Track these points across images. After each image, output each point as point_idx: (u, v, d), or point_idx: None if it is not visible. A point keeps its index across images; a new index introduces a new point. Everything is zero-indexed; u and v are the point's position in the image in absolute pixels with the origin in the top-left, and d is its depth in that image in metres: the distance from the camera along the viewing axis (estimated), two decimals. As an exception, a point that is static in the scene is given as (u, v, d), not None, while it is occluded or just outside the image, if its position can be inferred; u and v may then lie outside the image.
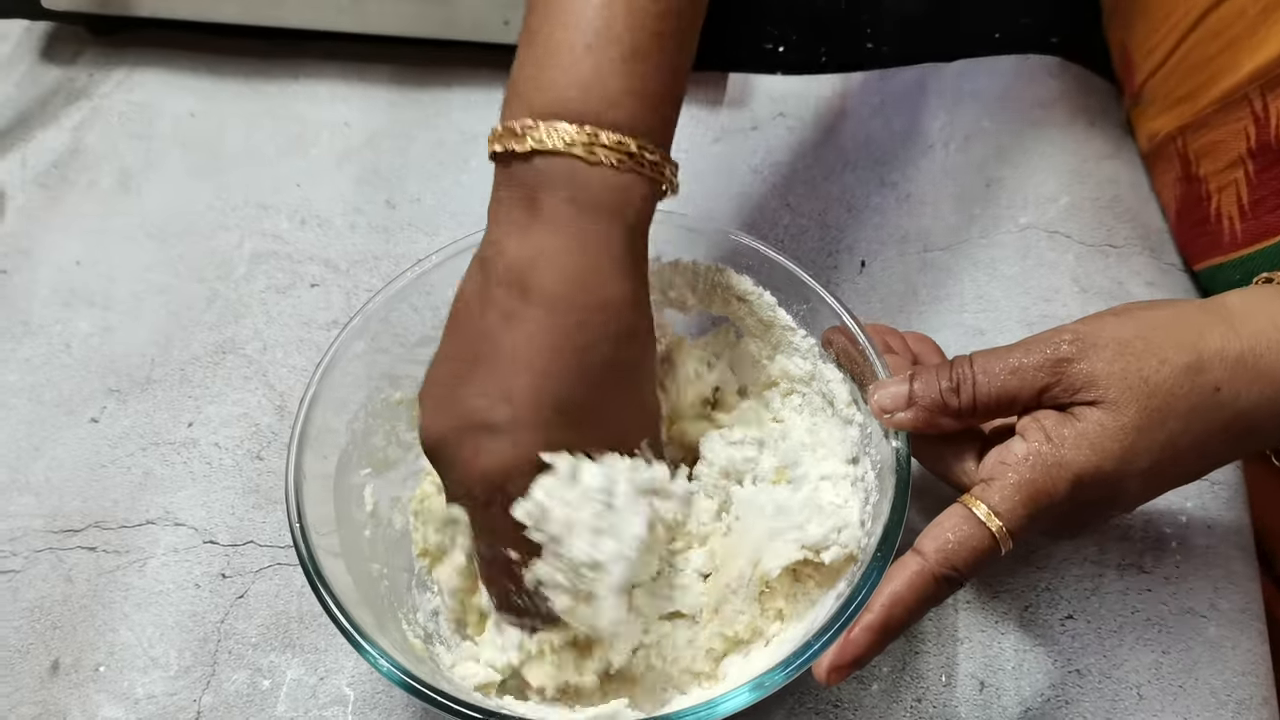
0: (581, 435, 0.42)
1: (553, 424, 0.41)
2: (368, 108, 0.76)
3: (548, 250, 0.41)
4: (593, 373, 0.42)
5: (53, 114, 0.76)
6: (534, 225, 0.41)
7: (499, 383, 0.41)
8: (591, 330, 0.42)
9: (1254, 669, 0.50)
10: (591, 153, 0.41)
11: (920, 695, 0.50)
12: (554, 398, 0.41)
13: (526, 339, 0.41)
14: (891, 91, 0.74)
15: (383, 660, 0.40)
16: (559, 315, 0.41)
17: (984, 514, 0.41)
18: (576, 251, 0.41)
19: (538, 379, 0.41)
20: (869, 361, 0.47)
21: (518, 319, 0.41)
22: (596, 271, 0.42)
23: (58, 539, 0.56)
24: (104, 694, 0.51)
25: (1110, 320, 0.43)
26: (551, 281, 0.41)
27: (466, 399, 0.42)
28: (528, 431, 0.41)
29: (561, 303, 0.41)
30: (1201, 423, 0.41)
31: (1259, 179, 0.55)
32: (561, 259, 0.41)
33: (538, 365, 0.41)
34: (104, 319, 0.65)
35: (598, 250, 0.42)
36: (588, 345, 0.42)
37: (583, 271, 0.41)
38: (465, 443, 0.42)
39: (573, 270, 0.41)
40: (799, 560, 0.46)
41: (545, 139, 0.41)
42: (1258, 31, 0.53)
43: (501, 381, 0.41)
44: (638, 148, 0.42)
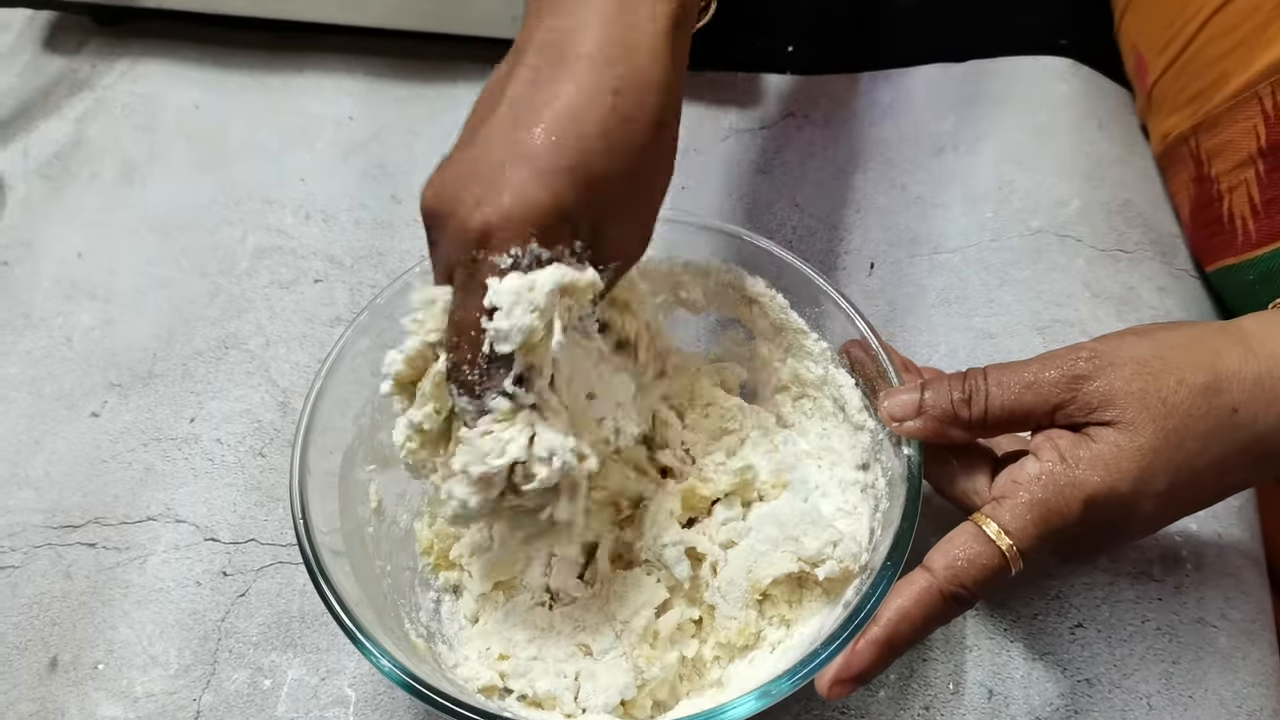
0: (593, 214, 0.39)
1: (564, 185, 0.38)
2: (373, 102, 0.75)
3: (589, 18, 0.39)
4: (618, 148, 0.39)
5: (55, 104, 0.76)
6: (576, 6, 0.39)
7: (517, 135, 0.38)
8: (626, 101, 0.39)
9: (1264, 680, 0.50)
10: None
11: (928, 703, 0.49)
12: (573, 158, 0.38)
13: (553, 95, 0.38)
14: (901, 92, 0.74)
15: (384, 660, 0.40)
16: (595, 75, 0.38)
17: (994, 532, 0.40)
18: (620, 21, 0.39)
19: (561, 130, 0.38)
20: (882, 369, 0.47)
21: (548, 78, 0.39)
22: (639, 46, 0.39)
23: (57, 535, 0.56)
24: (103, 692, 0.51)
25: (1129, 339, 0.42)
26: (591, 44, 0.39)
27: (477, 152, 0.39)
28: (540, 184, 0.37)
29: (599, 64, 0.38)
30: (1219, 445, 0.40)
31: (1269, 178, 0.54)
32: (604, 26, 0.39)
33: (564, 118, 0.38)
34: (106, 312, 0.65)
35: (643, 25, 0.40)
36: (620, 115, 0.39)
37: (626, 41, 0.39)
38: (468, 192, 0.38)
39: (616, 37, 0.39)
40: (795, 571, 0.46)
41: None
42: (1269, 28, 0.52)
43: (520, 134, 0.38)
44: None
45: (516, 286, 0.37)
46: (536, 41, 0.40)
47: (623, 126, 0.39)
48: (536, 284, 0.37)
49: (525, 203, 0.37)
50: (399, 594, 0.48)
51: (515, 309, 0.37)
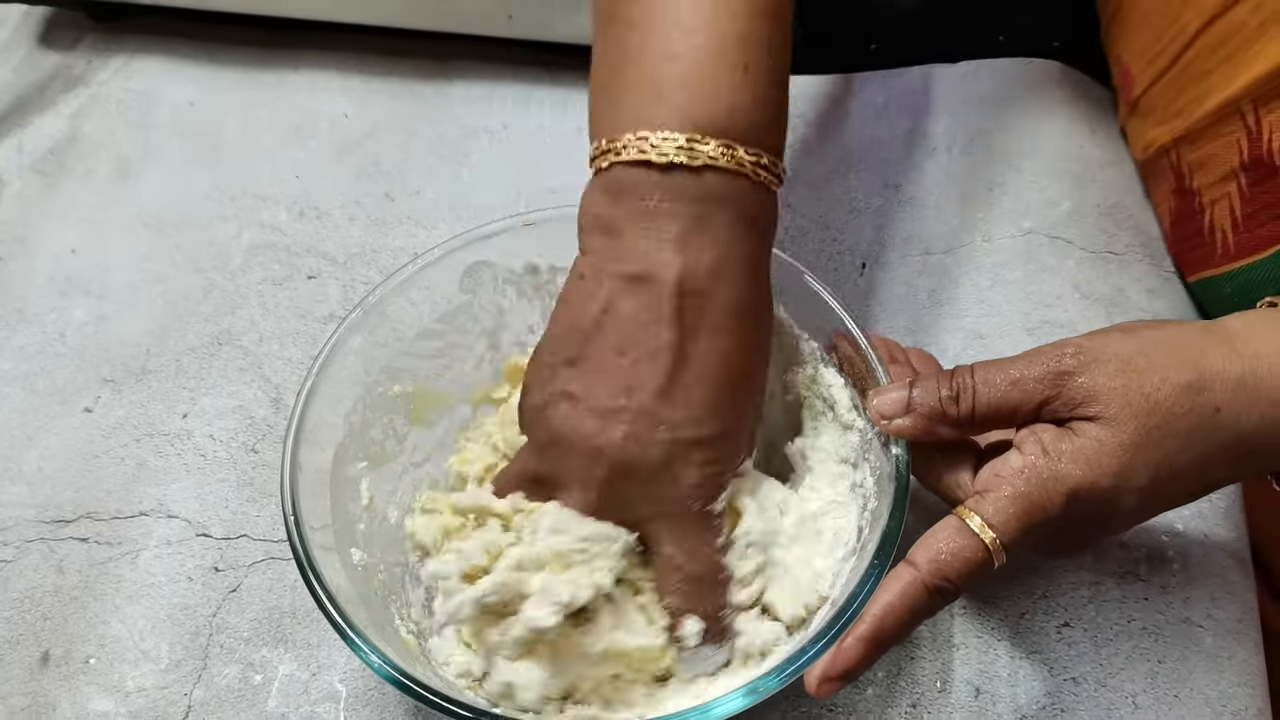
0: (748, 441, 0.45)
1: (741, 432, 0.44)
2: (368, 100, 0.75)
3: (725, 266, 0.42)
4: (760, 386, 0.45)
5: (50, 100, 0.76)
6: (705, 241, 0.42)
7: (701, 395, 0.42)
8: (764, 342, 0.45)
9: (1250, 680, 0.50)
10: (757, 174, 0.42)
11: (915, 701, 0.49)
12: (743, 409, 0.44)
13: (717, 351, 0.42)
14: (894, 93, 0.74)
15: (374, 656, 0.40)
16: (744, 327, 0.43)
17: (978, 526, 0.41)
18: (751, 268, 0.43)
19: (735, 390, 0.43)
20: (870, 367, 0.47)
21: (705, 329, 0.42)
22: (762, 284, 0.44)
23: (49, 529, 0.56)
24: (94, 686, 0.51)
25: (1114, 336, 0.43)
26: (733, 294, 0.42)
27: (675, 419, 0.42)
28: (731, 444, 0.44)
29: (744, 315, 0.43)
30: (1201, 443, 0.40)
31: (1251, 193, 0.55)
32: (738, 274, 0.42)
33: (732, 377, 0.43)
34: (99, 308, 0.65)
35: (762, 267, 0.44)
36: (760, 358, 0.45)
37: (754, 285, 0.43)
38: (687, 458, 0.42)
39: (749, 284, 0.43)
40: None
41: (719, 156, 0.41)
42: (1254, 45, 0.53)
43: (702, 394, 0.42)
44: (779, 170, 0.44)
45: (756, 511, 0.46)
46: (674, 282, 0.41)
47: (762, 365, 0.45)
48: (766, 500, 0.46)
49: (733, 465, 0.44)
50: (390, 590, 0.48)
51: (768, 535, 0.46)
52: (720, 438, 0.43)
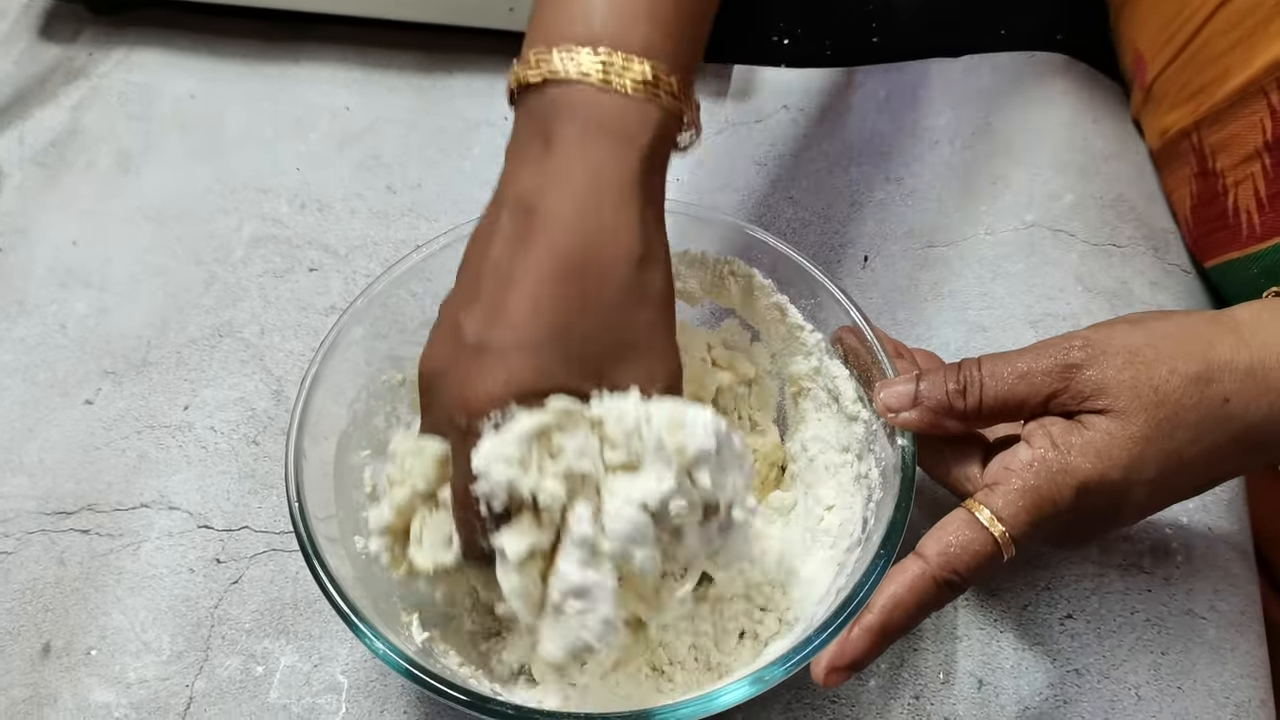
0: (584, 370, 0.40)
1: (549, 351, 0.39)
2: (369, 92, 0.75)
3: (556, 176, 0.40)
4: (598, 301, 0.40)
5: (51, 93, 0.75)
6: (546, 156, 0.40)
7: (498, 305, 0.39)
8: (597, 254, 0.40)
9: (1253, 671, 0.50)
10: (605, 79, 0.40)
11: (918, 692, 0.49)
12: (552, 321, 0.39)
13: (528, 262, 0.39)
14: (897, 86, 0.74)
15: (379, 643, 0.40)
16: (563, 236, 0.39)
17: (987, 519, 0.40)
18: (585, 177, 0.40)
19: (535, 300, 0.39)
20: (876, 360, 0.47)
21: (521, 243, 0.40)
22: (605, 196, 0.40)
23: (50, 521, 0.56)
24: (95, 678, 0.51)
25: (1121, 328, 0.42)
26: (557, 204, 0.40)
27: (464, 325, 0.40)
28: (521, 355, 0.39)
29: (567, 225, 0.39)
30: (1210, 435, 0.40)
31: (1275, 172, 0.55)
32: (569, 184, 0.40)
33: (537, 287, 0.39)
34: (100, 300, 0.65)
35: (609, 177, 0.40)
36: (593, 270, 0.40)
37: (591, 195, 0.40)
38: (456, 367, 0.40)
39: (581, 194, 0.40)
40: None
41: (558, 66, 0.40)
42: (1271, 24, 0.52)
43: (500, 304, 0.39)
44: (654, 74, 0.40)
45: (490, 447, 0.38)
46: (510, 200, 0.41)
47: (597, 283, 0.40)
48: (507, 436, 0.38)
49: (510, 378, 0.38)
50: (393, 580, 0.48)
51: (493, 467, 0.37)
52: (507, 350, 0.39)
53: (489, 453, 0.38)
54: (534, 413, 0.38)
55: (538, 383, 0.39)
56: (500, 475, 0.37)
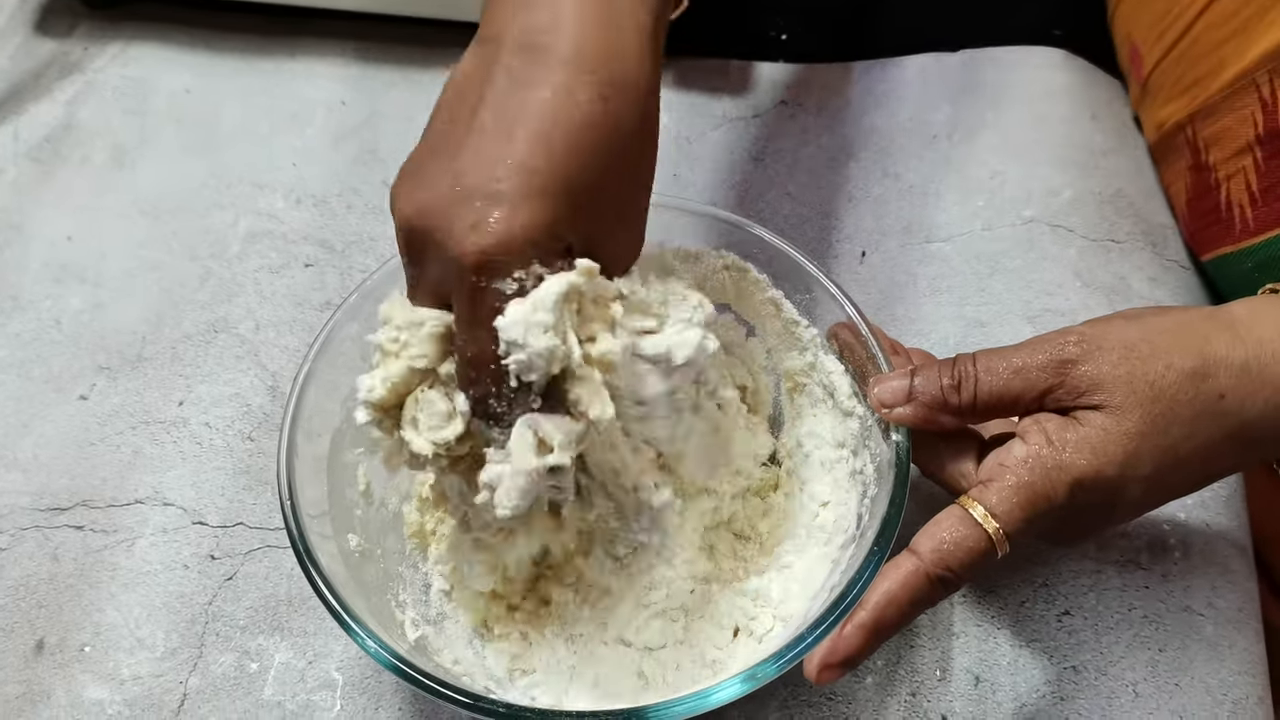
0: (587, 225, 0.38)
1: (562, 201, 0.36)
2: (365, 87, 0.75)
3: (566, 16, 0.37)
4: (609, 155, 0.37)
5: (46, 87, 0.75)
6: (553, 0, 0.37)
7: (505, 147, 0.36)
8: (613, 106, 0.37)
9: (1250, 668, 0.50)
10: None
11: (915, 689, 0.49)
12: (567, 171, 0.36)
13: (540, 102, 0.36)
14: (895, 81, 0.74)
15: (371, 642, 0.40)
16: (581, 78, 0.36)
17: (981, 515, 0.40)
18: (599, 18, 0.37)
19: (552, 145, 0.36)
20: (871, 355, 0.47)
21: (531, 82, 0.36)
22: (621, 44, 0.38)
23: (45, 517, 0.56)
24: (89, 674, 0.51)
25: (1117, 323, 0.42)
26: (571, 43, 0.37)
27: (464, 165, 0.36)
28: (537, 201, 0.35)
29: (584, 66, 0.36)
30: (1206, 430, 0.40)
31: (1267, 166, 0.54)
32: (583, 24, 0.37)
33: (554, 131, 0.36)
34: (95, 295, 0.64)
35: (623, 22, 0.38)
36: (610, 121, 0.37)
37: (607, 40, 0.37)
38: (461, 213, 0.36)
39: (596, 35, 0.37)
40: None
41: None
42: (1266, 15, 0.52)
43: (509, 146, 0.36)
44: None
45: (522, 314, 0.36)
46: (511, 40, 0.37)
47: (613, 132, 0.37)
48: (540, 302, 0.36)
49: (526, 224, 0.35)
50: (387, 577, 0.48)
51: (529, 336, 0.36)
52: (521, 195, 0.35)
53: (522, 320, 0.35)
54: (562, 275, 0.36)
55: (555, 234, 0.36)
56: (541, 344, 0.36)
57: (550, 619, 0.48)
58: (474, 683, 0.45)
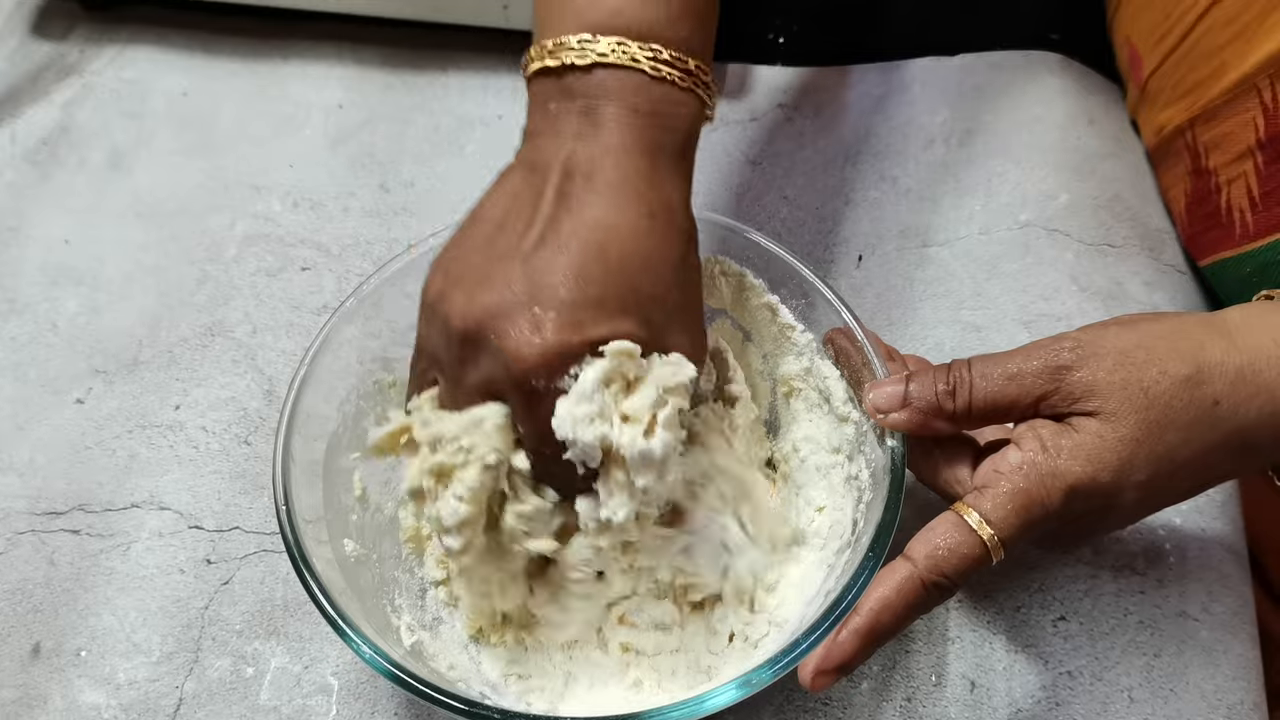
0: (644, 330, 0.40)
1: (618, 308, 0.39)
2: (362, 90, 0.75)
3: (613, 149, 0.41)
4: (659, 269, 0.41)
5: (43, 90, 0.75)
6: (596, 131, 0.41)
7: (561, 258, 0.39)
8: (658, 225, 0.41)
9: (1245, 674, 0.50)
10: (656, 69, 0.41)
11: (910, 694, 0.49)
12: (621, 281, 0.39)
13: (594, 219, 0.40)
14: (892, 85, 0.74)
15: (366, 648, 0.40)
16: (628, 202, 0.40)
17: (976, 522, 0.40)
18: (642, 153, 0.41)
19: (607, 256, 0.39)
20: (867, 361, 0.47)
21: (582, 202, 0.40)
22: (660, 172, 0.42)
23: (40, 521, 0.55)
24: (85, 679, 0.51)
25: (1112, 329, 0.42)
26: (618, 174, 0.40)
27: (520, 277, 0.39)
28: (596, 311, 0.39)
29: (629, 192, 0.40)
30: (1200, 437, 0.40)
31: (1268, 170, 0.54)
32: (628, 157, 0.41)
33: (607, 244, 0.39)
34: (92, 299, 0.64)
35: (661, 155, 0.42)
36: (657, 238, 0.41)
37: (649, 170, 0.41)
38: (519, 319, 0.38)
39: (641, 167, 0.41)
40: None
41: (609, 53, 0.41)
42: (1268, 18, 0.52)
43: (565, 258, 0.39)
44: (695, 66, 0.42)
45: (567, 410, 0.38)
46: (561, 164, 0.41)
47: (660, 248, 0.41)
48: (581, 394, 0.38)
49: (584, 336, 0.38)
50: (382, 582, 0.48)
51: (577, 431, 0.38)
52: (575, 305, 0.38)
53: (568, 415, 0.38)
54: (596, 363, 0.39)
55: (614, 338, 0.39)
56: (587, 437, 0.38)
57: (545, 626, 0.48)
58: (469, 688, 0.45)
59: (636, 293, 0.40)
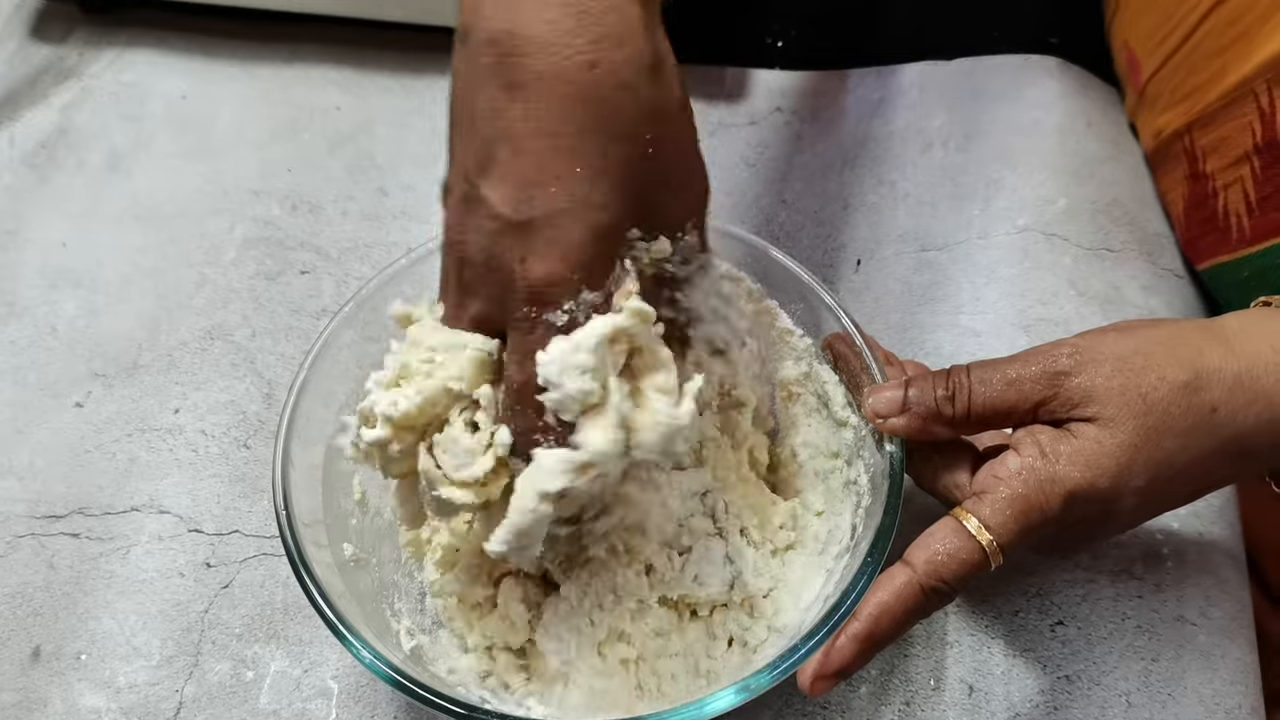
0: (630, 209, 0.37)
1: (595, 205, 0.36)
2: (361, 94, 0.75)
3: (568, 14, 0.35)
4: (621, 131, 0.36)
5: (42, 93, 0.75)
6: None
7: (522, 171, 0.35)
8: (604, 78, 0.35)
9: (1243, 678, 0.50)
10: None
11: (909, 699, 0.49)
12: (585, 171, 0.35)
13: (533, 112, 0.35)
14: (891, 89, 0.74)
15: (365, 652, 0.40)
16: (557, 69, 0.35)
17: (975, 527, 0.40)
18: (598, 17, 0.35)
19: (558, 153, 0.35)
20: (866, 365, 0.47)
21: (516, 90, 0.35)
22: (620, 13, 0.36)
23: (40, 525, 0.56)
24: (85, 682, 0.51)
25: (1111, 335, 0.42)
26: (536, 31, 0.35)
27: (491, 199, 0.36)
28: (572, 220, 0.35)
29: (556, 54, 0.35)
30: (1199, 443, 0.40)
31: (1265, 175, 0.54)
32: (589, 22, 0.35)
33: (556, 139, 0.35)
34: (91, 302, 0.64)
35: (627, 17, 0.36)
36: (605, 97, 0.35)
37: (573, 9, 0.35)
38: (502, 248, 0.36)
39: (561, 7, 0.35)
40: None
41: None
42: (1268, 22, 0.52)
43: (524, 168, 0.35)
44: None
45: (561, 353, 0.36)
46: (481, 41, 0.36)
47: (614, 111, 0.36)
48: (582, 343, 0.36)
49: (564, 257, 0.35)
50: (382, 586, 0.48)
51: (564, 377, 0.36)
52: (549, 220, 0.35)
53: (561, 359, 0.36)
54: (608, 316, 0.36)
55: (597, 248, 0.36)
56: (574, 386, 0.36)
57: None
58: (469, 693, 0.45)
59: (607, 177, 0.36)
